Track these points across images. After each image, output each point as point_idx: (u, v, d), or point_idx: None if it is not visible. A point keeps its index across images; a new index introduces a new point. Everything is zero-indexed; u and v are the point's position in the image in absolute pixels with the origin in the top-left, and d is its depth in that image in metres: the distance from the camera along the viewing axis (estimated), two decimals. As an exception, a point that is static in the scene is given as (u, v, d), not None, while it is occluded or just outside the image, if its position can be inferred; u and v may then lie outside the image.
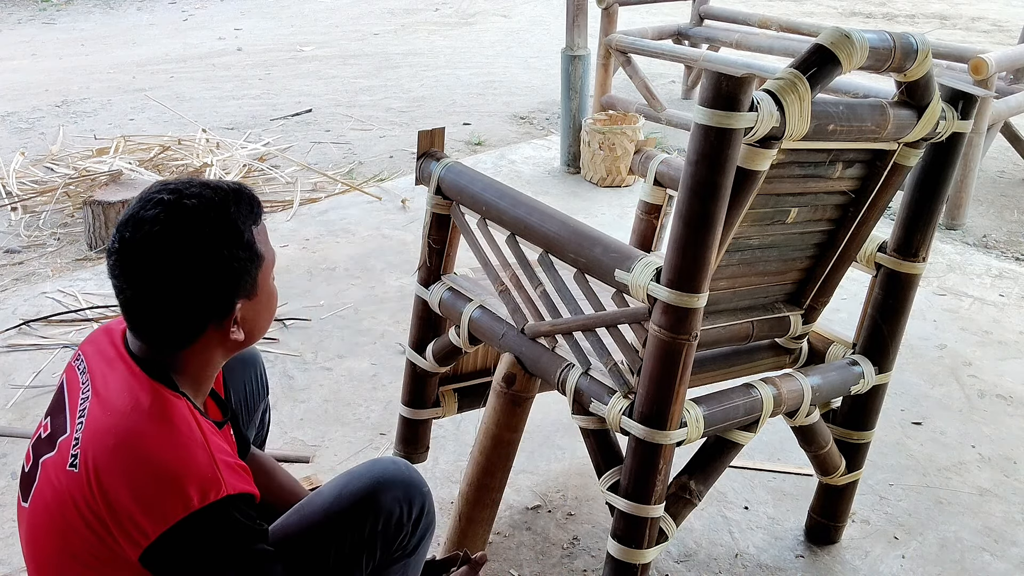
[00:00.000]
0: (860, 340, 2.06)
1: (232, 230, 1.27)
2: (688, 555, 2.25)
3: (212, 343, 1.32)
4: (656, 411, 1.65)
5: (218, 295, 1.28)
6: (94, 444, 1.23)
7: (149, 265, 1.23)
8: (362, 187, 4.77)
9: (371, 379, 2.97)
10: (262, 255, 1.34)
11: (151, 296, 1.24)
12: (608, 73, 5.39)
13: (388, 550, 1.50)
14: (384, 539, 1.48)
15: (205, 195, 1.27)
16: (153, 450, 1.20)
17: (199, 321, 1.28)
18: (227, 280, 1.27)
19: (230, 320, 1.30)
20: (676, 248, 1.55)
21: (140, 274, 1.23)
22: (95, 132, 5.79)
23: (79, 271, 3.83)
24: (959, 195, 4.41)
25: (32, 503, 1.33)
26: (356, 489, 1.47)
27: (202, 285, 1.25)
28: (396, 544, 1.51)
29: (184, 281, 1.24)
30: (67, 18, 10.32)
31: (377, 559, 1.49)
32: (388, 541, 1.49)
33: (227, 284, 1.28)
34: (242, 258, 1.28)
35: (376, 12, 10.50)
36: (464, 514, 2.01)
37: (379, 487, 1.48)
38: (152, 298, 1.24)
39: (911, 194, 1.93)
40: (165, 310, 1.25)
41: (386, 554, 1.50)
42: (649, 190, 2.33)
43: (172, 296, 1.24)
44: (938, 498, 2.49)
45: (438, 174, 2.06)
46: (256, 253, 1.32)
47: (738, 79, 1.43)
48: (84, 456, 1.23)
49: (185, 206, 1.24)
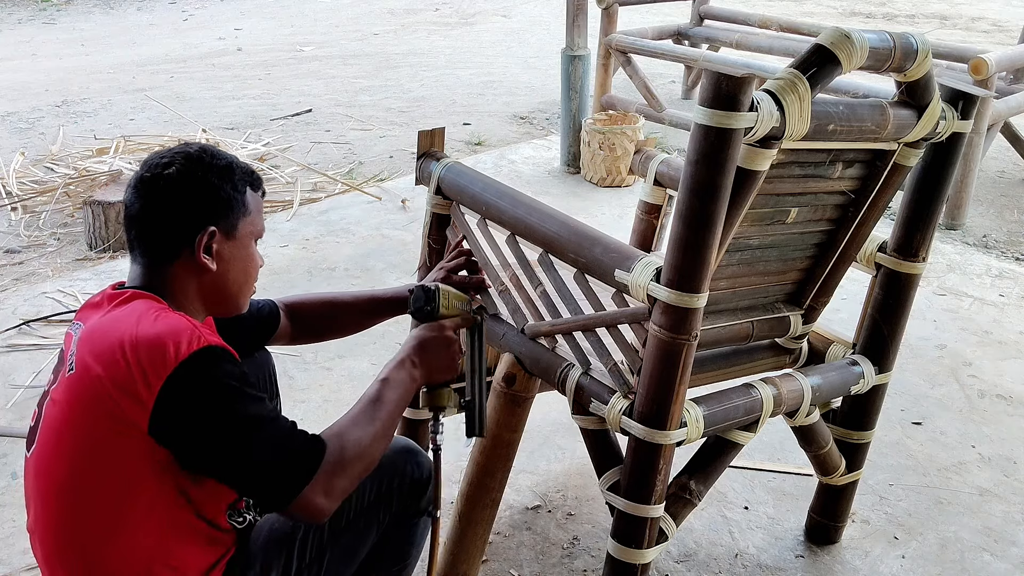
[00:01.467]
0: (860, 340, 2.06)
1: (227, 170, 1.47)
2: (688, 555, 2.25)
3: (189, 267, 1.45)
4: (656, 411, 1.65)
5: (198, 210, 1.44)
6: (90, 342, 1.35)
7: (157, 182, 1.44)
8: (362, 187, 4.78)
9: (371, 379, 2.96)
10: (248, 207, 1.50)
11: (151, 205, 1.44)
12: (608, 73, 5.39)
13: (403, 505, 1.64)
14: (400, 495, 1.62)
15: (217, 152, 1.49)
16: (144, 326, 1.33)
17: (181, 229, 1.43)
18: (207, 200, 1.45)
19: (203, 238, 1.43)
20: (676, 248, 1.55)
21: (149, 188, 1.44)
22: (95, 132, 5.79)
23: (79, 271, 3.83)
24: (959, 195, 4.41)
25: (39, 440, 1.39)
26: None
27: (188, 197, 1.44)
28: (409, 501, 1.65)
29: (177, 191, 1.44)
30: (67, 18, 10.33)
31: (393, 512, 1.63)
32: (404, 497, 1.63)
33: (207, 203, 1.45)
34: (227, 191, 1.46)
35: (376, 12, 10.50)
36: (464, 514, 2.01)
37: (392, 450, 1.60)
38: (150, 206, 1.44)
39: (911, 194, 1.93)
40: (158, 216, 1.44)
41: (401, 509, 1.64)
42: (649, 190, 2.33)
43: (165, 202, 1.43)
44: (938, 498, 2.49)
45: (438, 174, 2.06)
46: (243, 200, 1.49)
47: (738, 79, 1.43)
48: (81, 354, 1.35)
49: (195, 153, 1.48)
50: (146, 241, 1.45)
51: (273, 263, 3.91)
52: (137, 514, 1.33)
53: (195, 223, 1.43)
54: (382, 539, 1.65)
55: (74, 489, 1.34)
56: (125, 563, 1.34)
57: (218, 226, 1.45)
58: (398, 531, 1.68)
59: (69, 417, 1.34)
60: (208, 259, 1.45)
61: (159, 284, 1.44)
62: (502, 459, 1.99)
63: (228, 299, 1.52)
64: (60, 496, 1.35)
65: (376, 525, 1.61)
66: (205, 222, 1.44)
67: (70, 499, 1.34)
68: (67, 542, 1.36)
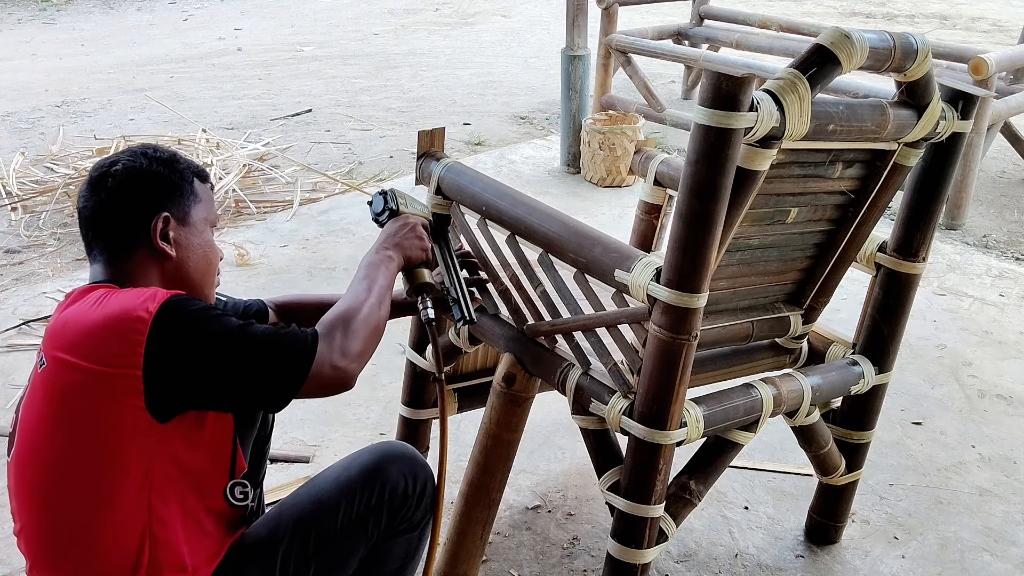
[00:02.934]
0: (860, 340, 2.06)
1: (171, 161, 1.52)
2: (688, 555, 2.25)
3: (149, 259, 1.47)
4: (656, 411, 1.65)
5: (148, 198, 1.47)
6: (55, 336, 1.37)
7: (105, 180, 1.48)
8: (362, 187, 4.77)
9: (371, 379, 2.97)
10: (198, 194, 1.53)
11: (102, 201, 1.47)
12: (608, 73, 5.39)
13: (393, 521, 1.59)
14: (390, 508, 1.58)
15: (159, 147, 1.55)
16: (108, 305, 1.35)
17: (135, 220, 1.46)
18: (156, 188, 1.48)
19: (157, 223, 1.46)
20: (676, 248, 1.55)
21: (98, 187, 1.48)
22: (95, 132, 5.79)
23: (79, 271, 3.83)
24: (959, 195, 4.41)
25: (19, 439, 1.40)
26: (365, 461, 1.60)
27: (136, 188, 1.47)
28: (401, 516, 1.60)
29: (125, 184, 1.47)
30: (67, 18, 10.33)
31: (383, 528, 1.58)
32: (394, 511, 1.59)
33: (155, 191, 1.48)
34: (174, 179, 1.50)
35: (376, 12, 10.50)
36: (464, 514, 2.01)
37: (386, 460, 1.60)
38: (102, 202, 1.48)
39: (911, 194, 1.93)
40: (110, 210, 1.47)
41: (391, 524, 1.59)
42: (649, 190, 2.33)
43: (116, 196, 1.47)
44: (938, 498, 2.49)
45: (438, 174, 2.06)
46: (192, 188, 1.52)
47: (738, 79, 1.43)
48: (48, 349, 1.37)
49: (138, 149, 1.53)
50: (103, 238, 1.48)
51: (273, 263, 3.91)
52: (128, 492, 1.33)
53: (147, 212, 1.46)
54: (373, 552, 1.61)
55: (61, 472, 1.34)
56: (116, 541, 1.34)
57: (171, 212, 1.48)
58: (390, 545, 1.64)
59: (47, 409, 1.35)
60: (166, 245, 1.47)
61: (121, 279, 1.46)
62: (502, 459, 1.99)
63: (192, 288, 1.52)
64: (45, 484, 1.35)
65: (364, 539, 1.57)
66: (157, 209, 1.47)
67: (56, 486, 1.34)
68: (55, 529, 1.35)
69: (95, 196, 1.47)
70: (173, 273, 1.49)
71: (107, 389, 1.31)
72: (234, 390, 1.35)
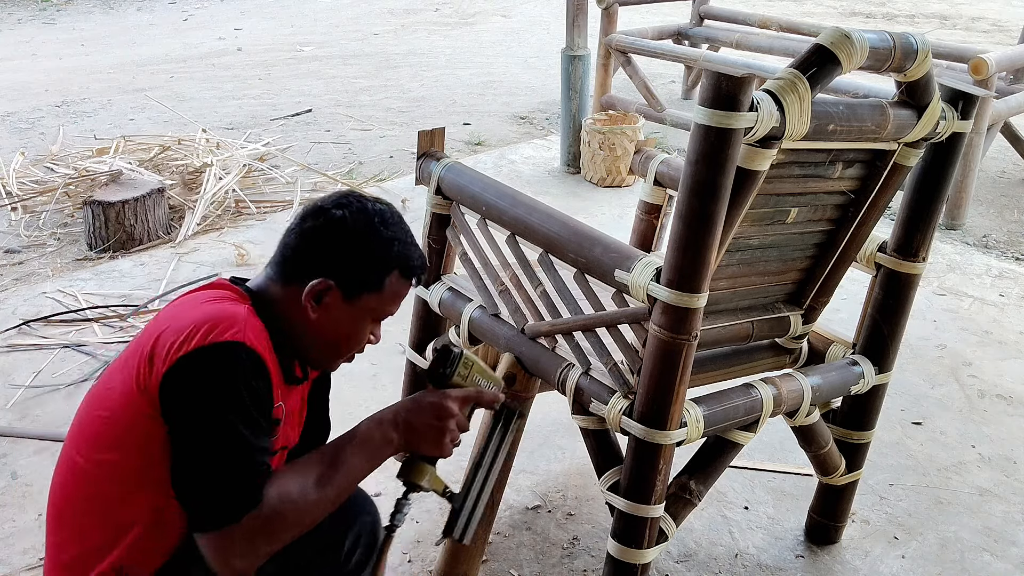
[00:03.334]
0: (860, 340, 2.06)
1: (385, 243, 1.45)
2: (688, 555, 2.25)
3: (294, 299, 1.44)
4: (656, 411, 1.65)
5: (330, 259, 1.44)
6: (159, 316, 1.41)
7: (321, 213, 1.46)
8: (362, 187, 4.77)
9: (371, 379, 2.97)
10: (384, 287, 1.47)
11: (301, 227, 1.46)
12: (608, 73, 5.39)
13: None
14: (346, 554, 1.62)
15: (394, 223, 1.48)
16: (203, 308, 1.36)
17: (307, 264, 1.44)
18: (345, 257, 1.44)
19: (317, 285, 1.42)
20: (676, 248, 1.55)
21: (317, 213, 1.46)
22: (95, 132, 5.79)
23: (79, 271, 3.83)
24: (959, 195, 4.41)
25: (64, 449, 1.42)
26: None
27: (330, 242, 1.44)
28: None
29: (326, 231, 1.44)
30: (67, 18, 10.32)
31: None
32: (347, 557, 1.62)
33: (342, 259, 1.44)
34: (369, 259, 1.45)
35: (376, 12, 10.50)
36: (464, 514, 2.01)
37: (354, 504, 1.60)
38: (300, 228, 1.46)
39: (911, 194, 1.93)
40: (298, 240, 1.46)
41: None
42: (649, 190, 2.33)
43: (311, 233, 1.45)
44: (938, 498, 2.49)
45: (438, 174, 2.06)
46: (381, 279, 1.46)
47: (738, 79, 1.43)
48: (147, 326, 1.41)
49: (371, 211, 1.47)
50: (279, 253, 1.48)
51: (273, 263, 3.90)
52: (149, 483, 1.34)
53: (321, 268, 1.43)
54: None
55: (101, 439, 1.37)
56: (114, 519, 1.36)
57: (339, 284, 1.43)
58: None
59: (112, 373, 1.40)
60: (311, 305, 1.43)
61: (262, 292, 1.47)
62: (502, 459, 1.99)
63: (302, 349, 1.48)
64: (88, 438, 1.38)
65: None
66: (329, 273, 1.43)
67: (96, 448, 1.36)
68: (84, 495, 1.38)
69: (302, 219, 1.47)
70: (302, 325, 1.45)
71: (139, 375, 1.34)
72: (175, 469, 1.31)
